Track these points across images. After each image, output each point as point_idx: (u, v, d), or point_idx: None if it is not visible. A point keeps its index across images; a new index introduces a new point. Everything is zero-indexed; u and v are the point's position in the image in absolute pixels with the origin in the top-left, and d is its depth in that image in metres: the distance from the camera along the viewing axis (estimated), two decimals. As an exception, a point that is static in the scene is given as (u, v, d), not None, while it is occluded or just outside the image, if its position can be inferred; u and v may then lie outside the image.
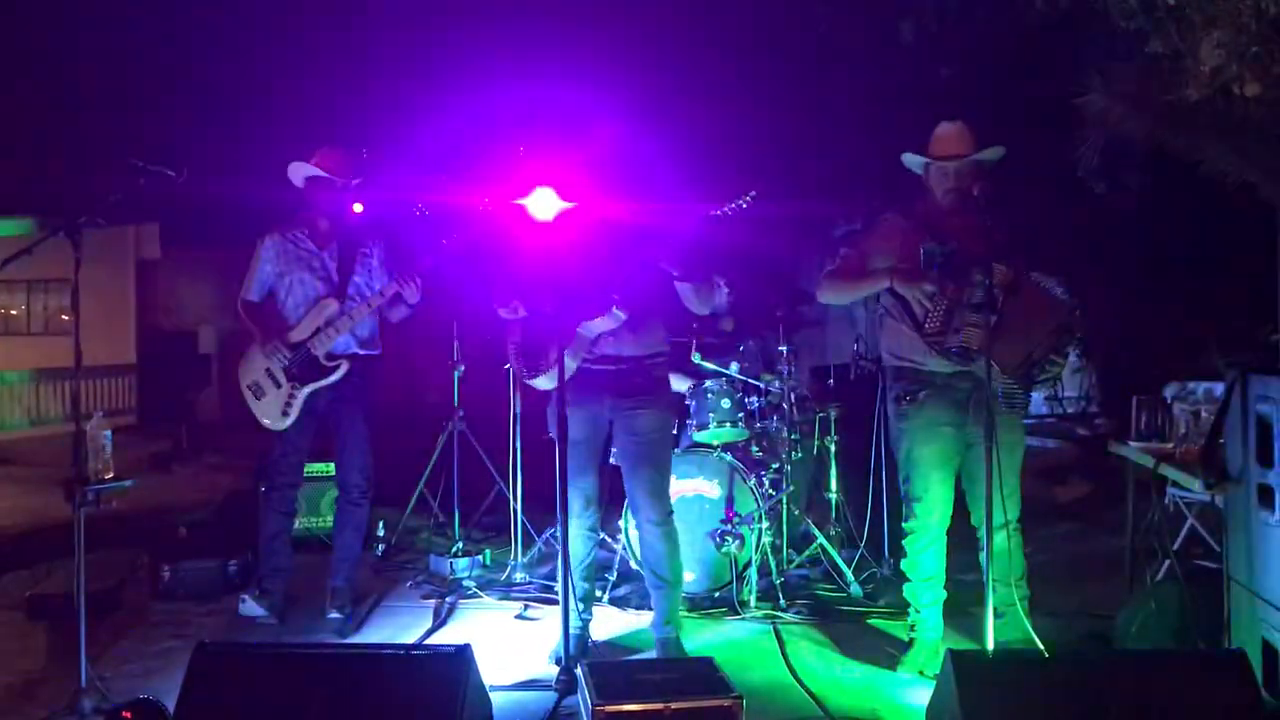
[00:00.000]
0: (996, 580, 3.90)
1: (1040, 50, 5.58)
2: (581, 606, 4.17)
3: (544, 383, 4.18)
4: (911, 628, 4.17)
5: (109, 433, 3.74)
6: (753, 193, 3.87)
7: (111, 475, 3.72)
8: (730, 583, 4.97)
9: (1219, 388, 4.12)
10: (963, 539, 4.14)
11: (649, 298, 4.04)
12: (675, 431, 5.30)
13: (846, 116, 7.58)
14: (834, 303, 4.32)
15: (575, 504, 4.15)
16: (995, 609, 3.76)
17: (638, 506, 4.19)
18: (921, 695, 3.72)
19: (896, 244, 3.99)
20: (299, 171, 4.71)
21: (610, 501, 4.46)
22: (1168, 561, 4.20)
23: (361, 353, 4.73)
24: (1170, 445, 4.20)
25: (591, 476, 4.23)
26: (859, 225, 6.41)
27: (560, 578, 3.93)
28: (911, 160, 4.10)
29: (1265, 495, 3.29)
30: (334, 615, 4.70)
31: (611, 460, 4.36)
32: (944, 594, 4.13)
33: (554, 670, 3.91)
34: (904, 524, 4.11)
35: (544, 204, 3.94)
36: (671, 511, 4.23)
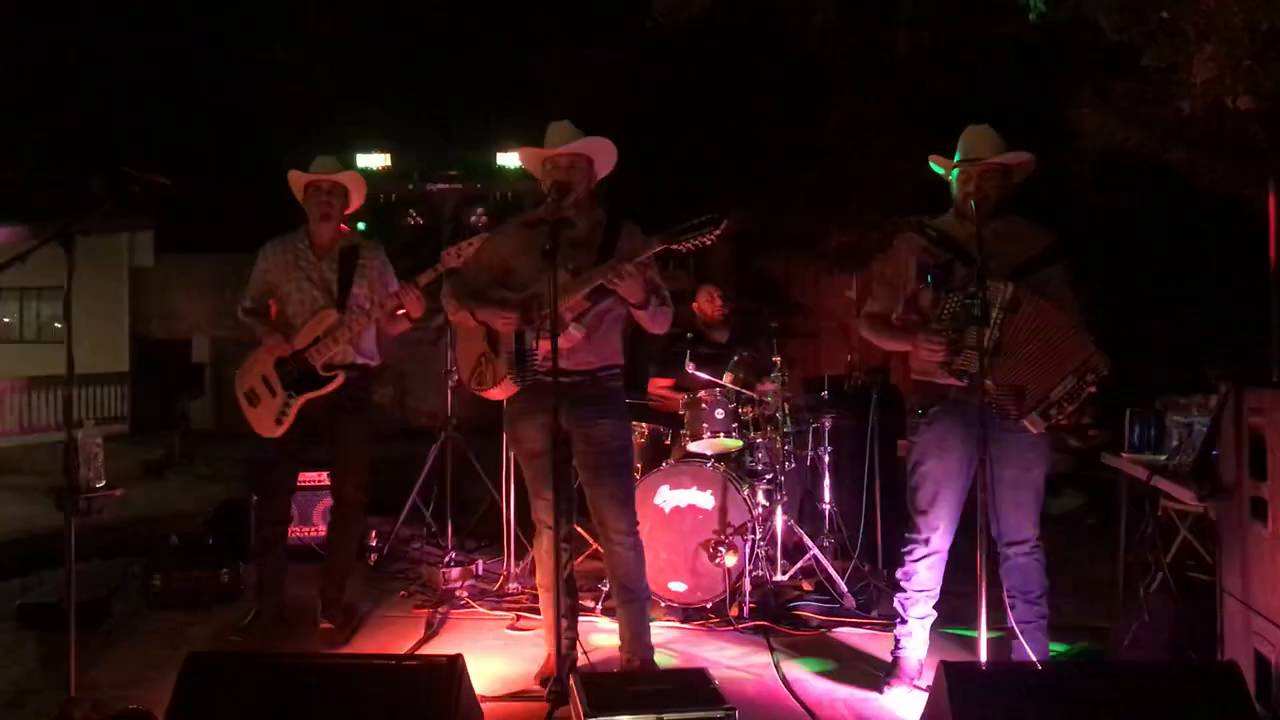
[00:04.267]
0: (1014, 597, 3.89)
1: (1033, 62, 5.61)
2: (565, 624, 3.97)
3: (497, 393, 4.07)
4: (896, 644, 4.11)
5: (101, 440, 3.71)
6: (719, 227, 3.71)
7: (103, 484, 3.69)
8: (723, 594, 4.96)
9: (1212, 400, 4.13)
10: (965, 553, 4.10)
11: (606, 315, 4.00)
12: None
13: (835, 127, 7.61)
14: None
15: (544, 516, 4.04)
16: (1011, 628, 3.79)
17: (603, 519, 4.04)
18: (914, 707, 3.71)
19: (913, 266, 3.90)
20: (297, 180, 4.70)
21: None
22: (1161, 574, 4.20)
23: (359, 362, 4.69)
24: (1164, 457, 4.20)
25: (557, 487, 4.02)
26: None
27: (554, 585, 3.91)
28: (937, 165, 4.00)
29: (1258, 508, 3.29)
30: (326, 625, 4.69)
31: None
32: (934, 613, 4.08)
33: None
34: (906, 533, 4.07)
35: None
36: (638, 522, 4.10)
